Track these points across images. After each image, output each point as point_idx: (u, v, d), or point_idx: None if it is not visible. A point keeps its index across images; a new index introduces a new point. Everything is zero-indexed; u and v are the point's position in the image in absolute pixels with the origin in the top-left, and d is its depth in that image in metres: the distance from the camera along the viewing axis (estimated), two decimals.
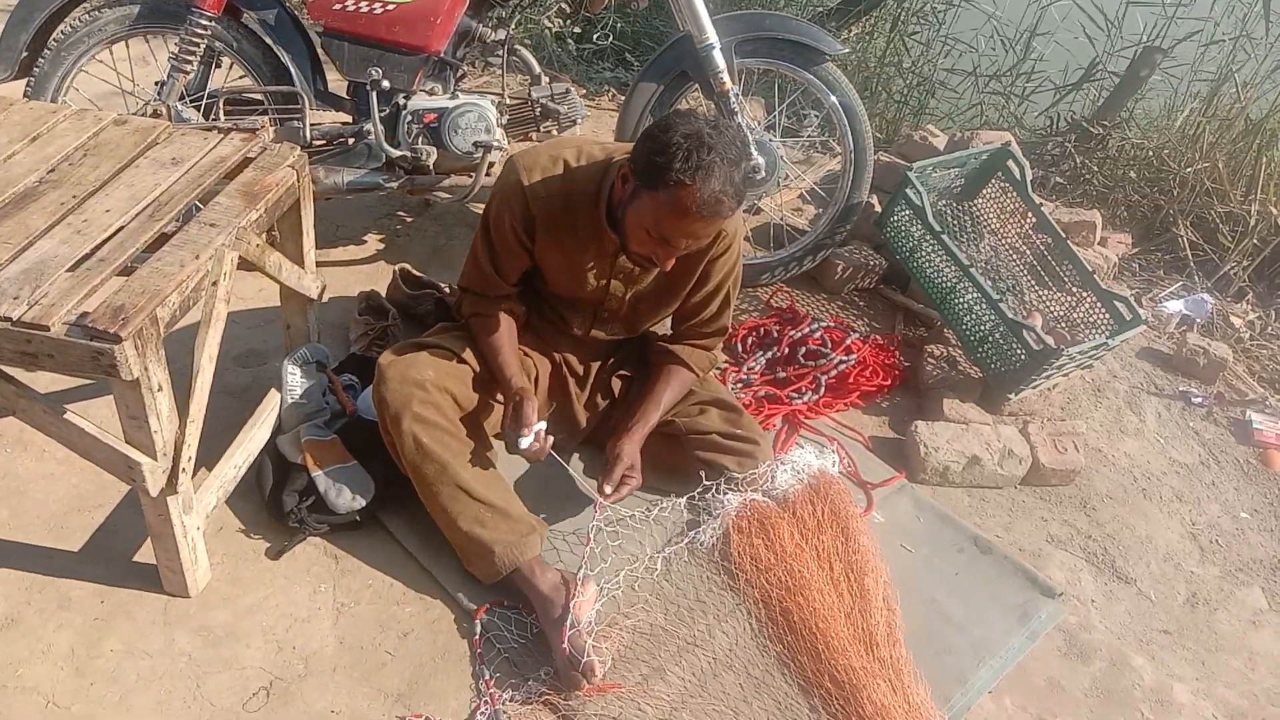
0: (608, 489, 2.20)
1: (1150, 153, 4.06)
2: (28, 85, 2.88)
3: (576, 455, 2.52)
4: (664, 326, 2.52)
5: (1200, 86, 4.22)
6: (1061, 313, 3.13)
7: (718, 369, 2.83)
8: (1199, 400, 3.13)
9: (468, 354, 2.31)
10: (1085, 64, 4.41)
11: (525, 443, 2.17)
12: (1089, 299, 3.04)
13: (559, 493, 2.39)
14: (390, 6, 2.79)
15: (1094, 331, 3.01)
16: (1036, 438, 2.73)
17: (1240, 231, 3.74)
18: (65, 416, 1.84)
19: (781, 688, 2.02)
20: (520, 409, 2.18)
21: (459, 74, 3.00)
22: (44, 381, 2.51)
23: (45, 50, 2.86)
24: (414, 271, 2.98)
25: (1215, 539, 2.67)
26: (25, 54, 2.87)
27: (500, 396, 2.35)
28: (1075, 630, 2.32)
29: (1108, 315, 2.96)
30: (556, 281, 2.33)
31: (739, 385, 2.81)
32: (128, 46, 2.99)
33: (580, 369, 2.49)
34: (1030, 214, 3.17)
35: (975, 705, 2.09)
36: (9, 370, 1.83)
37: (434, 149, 2.93)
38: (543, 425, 2.21)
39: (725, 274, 2.32)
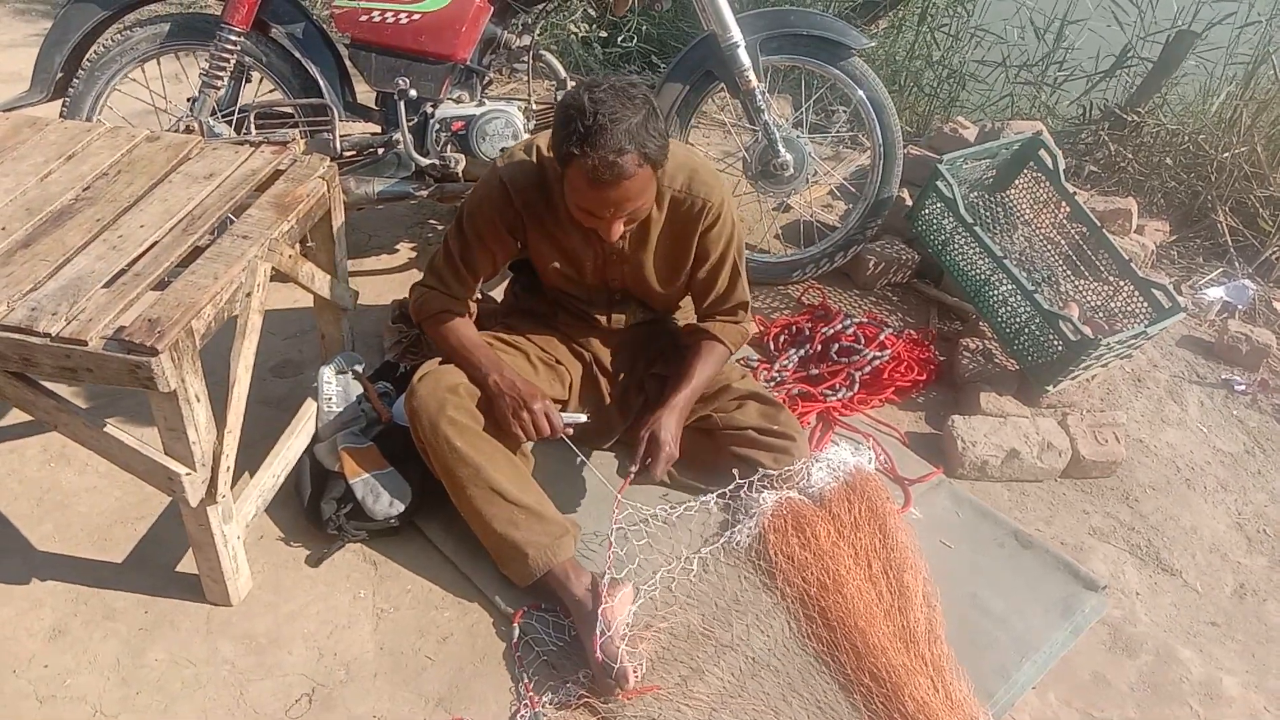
0: (632, 468, 2.20)
1: (1186, 138, 4.00)
2: (63, 105, 2.93)
3: (612, 455, 2.52)
4: (690, 317, 2.52)
5: (1236, 69, 4.15)
6: (1099, 302, 3.09)
7: (750, 365, 2.83)
8: (1242, 388, 3.08)
9: (503, 362, 2.32)
10: (1117, 51, 4.35)
11: (580, 417, 2.27)
12: (1126, 288, 3.00)
13: (592, 495, 2.40)
14: (415, 16, 2.81)
15: (1132, 321, 2.96)
16: (1076, 429, 2.69)
17: None
18: (105, 430, 1.87)
19: (822, 686, 2.01)
20: (553, 423, 2.20)
21: (485, 81, 3.01)
22: (85, 396, 2.56)
23: (79, 71, 2.91)
24: None
25: (1262, 528, 2.62)
26: (60, 75, 2.93)
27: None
28: (1120, 623, 2.28)
29: (1146, 304, 2.92)
30: (560, 272, 2.34)
31: (771, 383, 2.80)
32: (159, 64, 3.03)
33: (611, 367, 2.49)
34: (1064, 203, 3.13)
35: (1019, 701, 2.07)
36: (50, 385, 1.86)
37: (462, 156, 2.95)
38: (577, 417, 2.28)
39: (724, 245, 2.30)
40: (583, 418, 2.31)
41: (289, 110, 3.00)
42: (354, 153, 3.02)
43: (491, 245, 2.27)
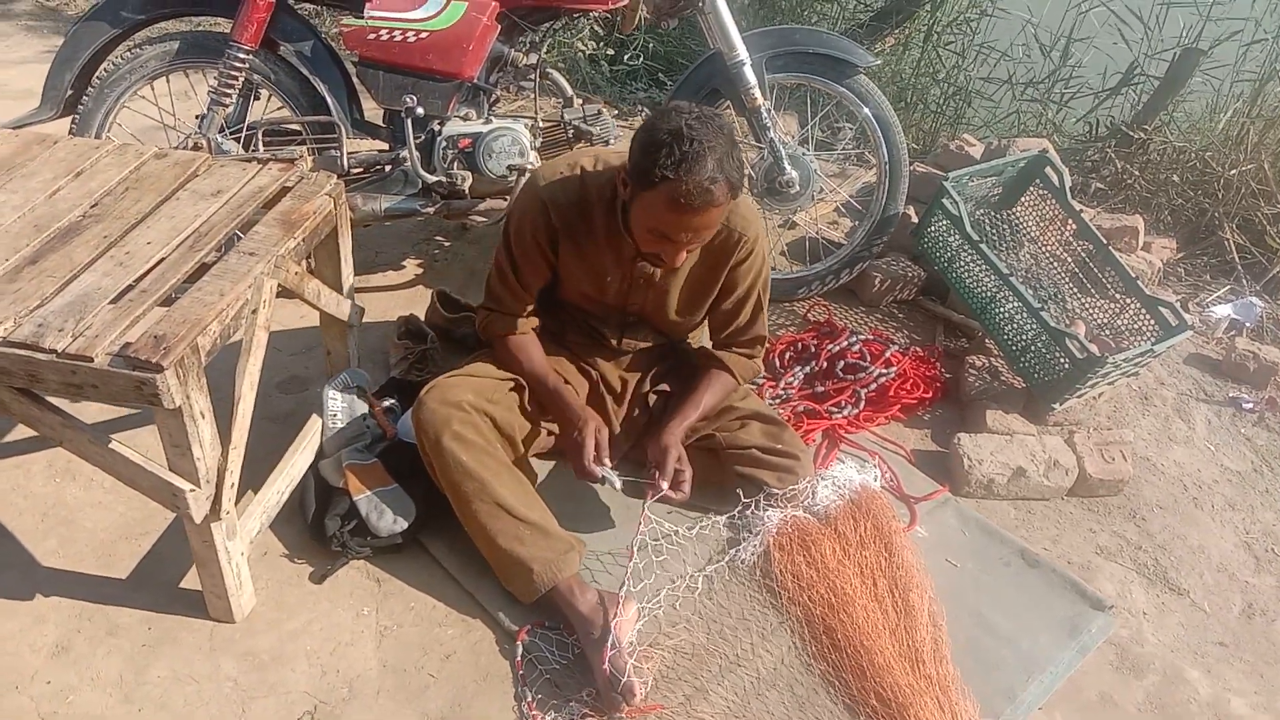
0: (663, 483, 2.20)
1: (1193, 155, 4.00)
2: (73, 123, 2.95)
3: (615, 471, 2.51)
4: (704, 341, 2.52)
5: (1243, 87, 4.15)
6: (1105, 320, 3.08)
7: (755, 383, 2.82)
8: (1250, 406, 3.06)
9: (509, 379, 2.32)
10: (1123, 68, 4.35)
11: (615, 480, 2.23)
12: (1133, 305, 2.99)
13: (597, 513, 2.40)
14: (423, 35, 2.82)
15: (1139, 338, 2.96)
16: (1083, 448, 2.68)
17: None
18: (110, 446, 1.87)
19: (827, 706, 2.00)
20: (599, 442, 2.24)
21: (492, 99, 3.03)
22: (90, 411, 2.56)
23: (89, 88, 2.93)
24: (452, 295, 3.00)
25: (1271, 547, 2.60)
26: (70, 92, 2.94)
27: (545, 416, 2.38)
28: (1127, 643, 2.27)
29: (1153, 322, 2.91)
30: (581, 290, 2.35)
31: (776, 400, 2.79)
32: (169, 82, 3.04)
33: (618, 385, 2.49)
34: (1070, 220, 3.13)
35: None
36: (55, 401, 1.86)
37: (469, 173, 2.96)
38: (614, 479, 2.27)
39: (753, 279, 2.31)
40: (618, 484, 2.24)
41: (297, 127, 3.01)
42: (361, 170, 3.03)
43: (536, 259, 2.28)
